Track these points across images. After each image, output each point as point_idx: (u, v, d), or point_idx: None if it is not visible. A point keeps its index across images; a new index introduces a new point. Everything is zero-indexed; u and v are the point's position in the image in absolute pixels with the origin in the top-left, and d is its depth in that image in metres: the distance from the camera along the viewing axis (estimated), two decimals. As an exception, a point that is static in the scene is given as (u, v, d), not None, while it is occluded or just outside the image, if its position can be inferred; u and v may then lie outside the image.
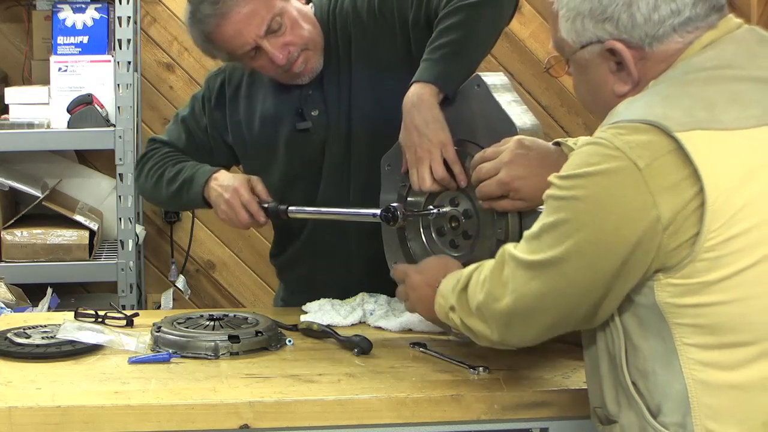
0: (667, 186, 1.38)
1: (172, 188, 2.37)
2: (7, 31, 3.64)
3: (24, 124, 3.27)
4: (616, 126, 1.43)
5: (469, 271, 1.68)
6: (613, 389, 1.54)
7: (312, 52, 2.25)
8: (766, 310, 1.40)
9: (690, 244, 1.38)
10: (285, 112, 2.33)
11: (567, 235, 1.44)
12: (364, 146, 2.29)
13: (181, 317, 2.10)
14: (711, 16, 1.50)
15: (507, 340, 1.60)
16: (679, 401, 1.44)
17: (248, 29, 2.17)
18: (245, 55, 2.22)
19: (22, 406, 1.69)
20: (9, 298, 2.81)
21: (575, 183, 1.44)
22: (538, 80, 3.84)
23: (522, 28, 3.81)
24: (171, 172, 2.38)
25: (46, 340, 2.00)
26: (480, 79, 1.97)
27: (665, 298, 1.42)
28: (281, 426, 1.73)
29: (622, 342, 1.50)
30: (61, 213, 3.32)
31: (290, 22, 2.20)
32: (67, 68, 3.34)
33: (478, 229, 1.97)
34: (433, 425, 1.75)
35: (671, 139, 1.39)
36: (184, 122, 2.46)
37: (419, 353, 1.99)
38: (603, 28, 1.50)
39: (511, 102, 1.95)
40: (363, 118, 2.29)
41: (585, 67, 1.56)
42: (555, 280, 1.47)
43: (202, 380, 1.82)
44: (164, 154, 2.43)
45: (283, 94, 2.34)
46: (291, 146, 2.33)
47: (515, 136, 1.86)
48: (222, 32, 2.18)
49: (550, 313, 1.51)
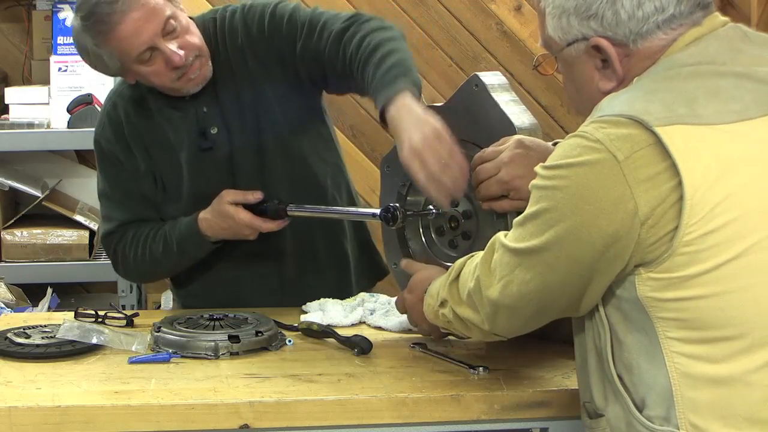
0: (644, 179, 1.40)
1: (171, 257, 2.32)
2: (7, 31, 3.64)
3: (24, 124, 3.28)
4: (598, 120, 1.45)
5: (460, 262, 1.70)
6: (600, 383, 1.55)
7: (204, 59, 2.25)
8: (746, 304, 1.41)
9: (669, 239, 1.40)
10: (183, 135, 2.31)
11: (548, 224, 1.46)
12: (279, 159, 2.31)
13: (181, 317, 2.10)
14: (695, 14, 1.51)
15: (497, 329, 1.61)
16: (663, 395, 1.45)
17: (146, 27, 2.15)
18: (139, 58, 2.18)
19: (22, 406, 1.69)
20: (9, 298, 2.82)
21: (557, 173, 1.46)
22: (538, 80, 3.84)
23: (522, 28, 3.81)
24: (158, 245, 2.32)
25: (46, 340, 2.00)
26: (478, 78, 1.97)
27: (647, 292, 1.44)
28: (281, 426, 1.73)
29: (608, 336, 1.52)
30: (61, 213, 3.33)
31: (183, 27, 2.21)
32: (67, 68, 3.34)
33: (478, 230, 1.97)
34: (433, 425, 1.75)
35: (650, 133, 1.40)
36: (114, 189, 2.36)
37: (419, 353, 1.99)
38: (588, 26, 1.52)
39: (510, 102, 1.95)
40: (273, 131, 2.31)
41: (571, 65, 1.58)
42: (537, 268, 1.49)
43: (202, 380, 1.82)
44: (133, 237, 2.34)
45: (177, 119, 2.31)
46: (196, 167, 2.31)
47: (515, 136, 1.86)
48: (119, 31, 2.15)
49: (533, 301, 1.53)
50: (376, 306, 2.24)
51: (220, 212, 2.25)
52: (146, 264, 2.34)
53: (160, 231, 2.33)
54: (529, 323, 1.60)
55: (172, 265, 2.37)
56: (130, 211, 2.36)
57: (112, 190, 2.37)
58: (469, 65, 3.73)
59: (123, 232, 2.36)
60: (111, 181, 2.37)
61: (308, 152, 2.38)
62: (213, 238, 2.28)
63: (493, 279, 1.56)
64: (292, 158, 2.34)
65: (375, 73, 2.06)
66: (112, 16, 2.14)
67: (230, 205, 2.24)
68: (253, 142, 2.31)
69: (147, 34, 2.16)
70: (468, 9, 3.77)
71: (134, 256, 2.34)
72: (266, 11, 2.30)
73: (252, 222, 2.23)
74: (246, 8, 2.33)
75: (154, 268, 2.37)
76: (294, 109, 2.33)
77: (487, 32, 3.79)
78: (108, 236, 2.38)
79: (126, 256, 2.36)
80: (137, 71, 2.23)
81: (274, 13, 2.30)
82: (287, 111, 2.32)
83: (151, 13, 2.16)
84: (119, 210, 2.36)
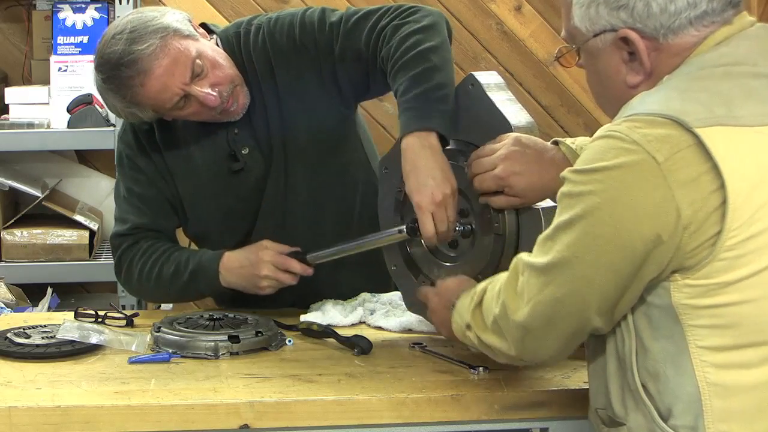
0: (685, 181, 1.36)
1: (178, 283, 2.23)
2: (7, 31, 3.64)
3: (24, 124, 3.27)
4: (630, 119, 1.41)
5: (482, 286, 1.65)
6: (620, 390, 1.52)
7: (239, 87, 2.19)
8: None
9: (710, 244, 1.37)
10: (214, 158, 2.26)
11: (584, 232, 1.41)
12: (300, 178, 2.26)
13: (181, 317, 2.10)
14: (727, 12, 1.49)
15: (525, 355, 1.56)
16: (690, 403, 1.42)
17: (173, 80, 2.09)
18: (174, 107, 2.13)
19: (22, 406, 1.69)
20: (9, 298, 2.81)
21: (591, 178, 1.41)
22: (538, 80, 3.83)
23: (522, 28, 3.81)
24: (169, 267, 2.24)
25: (46, 340, 2.00)
26: (474, 78, 1.97)
27: (682, 299, 1.40)
28: (281, 426, 1.73)
29: (633, 343, 1.47)
30: (61, 213, 3.32)
31: (210, 63, 2.14)
32: (67, 68, 3.34)
33: (476, 227, 1.96)
34: (433, 425, 1.75)
35: (690, 134, 1.37)
36: (131, 193, 2.31)
37: (419, 353, 1.99)
38: (617, 16, 1.49)
39: (506, 101, 1.95)
40: (299, 149, 2.25)
41: (597, 57, 1.54)
42: (571, 282, 1.44)
43: (202, 380, 1.82)
44: (146, 249, 2.27)
45: (206, 140, 2.26)
46: (226, 189, 2.27)
47: (512, 134, 1.86)
48: (147, 90, 2.10)
49: (568, 320, 1.47)
50: (376, 306, 2.24)
51: (248, 248, 2.19)
52: (150, 282, 2.26)
53: (175, 254, 2.26)
54: (563, 347, 1.53)
55: (176, 292, 2.28)
56: (145, 216, 2.29)
57: (129, 193, 2.31)
58: (469, 65, 3.72)
59: (135, 240, 2.29)
60: (128, 184, 2.31)
61: (337, 172, 2.30)
62: (226, 277, 2.20)
63: (521, 302, 1.50)
64: (321, 178, 2.27)
65: (409, 87, 1.99)
66: (135, 78, 2.09)
67: (273, 255, 2.16)
68: (282, 162, 2.25)
69: (176, 85, 2.10)
70: (468, 9, 3.76)
71: (140, 269, 2.26)
72: (295, 21, 2.22)
73: (275, 258, 2.15)
74: (272, 22, 2.25)
75: (157, 288, 2.28)
76: (326, 124, 2.25)
77: (487, 32, 3.79)
78: (118, 237, 2.30)
79: (132, 266, 2.28)
80: (175, 115, 2.19)
81: (304, 23, 2.21)
82: (318, 127, 2.24)
83: (174, 63, 2.09)
84: (134, 213, 2.30)
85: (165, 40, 2.10)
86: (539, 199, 1.85)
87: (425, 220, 1.90)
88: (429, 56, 2.02)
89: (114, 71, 2.10)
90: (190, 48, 2.12)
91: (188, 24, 2.17)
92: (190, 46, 2.12)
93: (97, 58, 2.15)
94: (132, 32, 2.10)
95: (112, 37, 2.11)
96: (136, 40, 2.09)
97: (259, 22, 2.27)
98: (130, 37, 2.09)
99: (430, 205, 1.89)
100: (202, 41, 2.18)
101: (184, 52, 2.11)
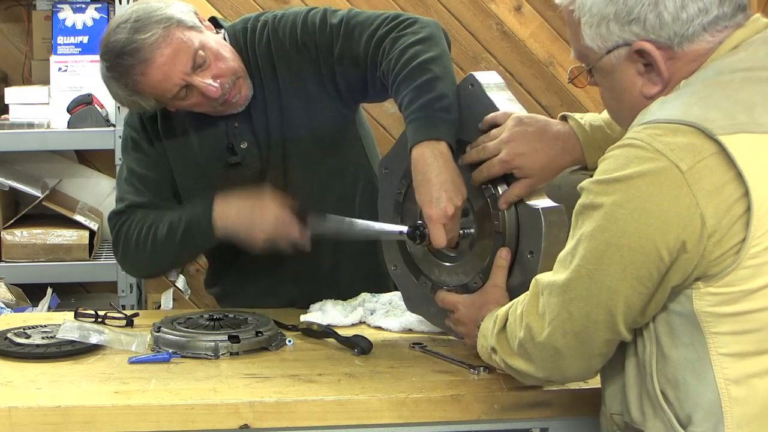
0: (710, 190, 1.35)
1: (175, 241, 2.20)
2: (7, 31, 3.64)
3: (24, 124, 3.27)
4: (651, 126, 1.40)
5: (504, 310, 1.64)
6: (638, 397, 1.50)
7: (242, 79, 2.20)
8: None
9: (735, 252, 1.36)
10: (212, 149, 2.27)
11: (607, 244, 1.40)
12: (300, 175, 2.27)
13: (181, 317, 2.10)
14: (738, 15, 1.48)
15: (554, 376, 1.56)
16: (710, 411, 1.41)
17: (174, 70, 2.11)
18: (175, 97, 2.15)
19: (22, 406, 1.69)
20: (9, 298, 2.81)
21: (612, 188, 1.40)
22: (538, 80, 3.84)
23: (522, 28, 3.81)
24: (162, 229, 2.21)
25: (46, 340, 2.00)
26: (474, 78, 1.97)
27: (704, 307, 1.40)
28: (281, 426, 1.73)
29: (654, 350, 1.46)
30: (61, 213, 3.32)
31: (213, 54, 2.15)
32: (67, 68, 3.34)
33: (476, 226, 1.95)
34: (433, 425, 1.75)
35: (713, 142, 1.36)
36: (132, 173, 2.30)
37: (419, 353, 1.99)
38: (629, 30, 1.47)
39: (506, 101, 1.95)
40: (298, 147, 2.26)
41: (611, 73, 1.53)
42: (597, 295, 1.43)
43: (202, 380, 1.82)
44: (138, 221, 2.25)
45: (206, 130, 2.27)
46: (222, 181, 2.25)
47: (513, 114, 1.86)
48: (148, 79, 2.11)
49: (598, 334, 1.46)
50: (376, 306, 2.24)
51: (250, 195, 2.16)
52: (146, 251, 2.22)
53: (169, 214, 2.24)
54: (593, 365, 1.52)
55: (171, 255, 2.26)
56: (143, 196, 2.28)
57: (130, 174, 2.31)
58: (469, 65, 3.73)
59: (131, 213, 2.27)
60: (130, 165, 2.32)
61: (337, 170, 2.31)
62: (221, 228, 2.17)
63: (544, 323, 1.49)
64: (320, 177, 2.28)
65: (413, 98, 1.98)
66: (137, 67, 2.11)
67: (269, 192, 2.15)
68: (280, 159, 2.26)
69: (177, 75, 2.12)
70: (468, 9, 3.76)
71: (137, 239, 2.23)
72: (298, 20, 2.23)
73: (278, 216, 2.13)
74: (277, 19, 2.26)
75: (153, 256, 2.24)
76: (326, 123, 2.26)
77: (487, 32, 3.79)
78: (115, 215, 2.29)
79: (128, 238, 2.25)
80: (177, 105, 2.20)
81: (306, 22, 2.23)
82: (318, 126, 2.25)
83: (176, 53, 2.11)
84: (133, 193, 2.29)
85: (168, 30, 2.11)
86: (552, 176, 1.84)
87: (437, 233, 1.88)
88: (430, 67, 2.02)
89: (117, 59, 2.12)
90: (192, 39, 2.13)
91: (193, 16, 2.19)
92: (193, 37, 2.14)
93: (102, 46, 2.17)
94: (136, 21, 2.12)
95: (117, 26, 2.14)
96: (140, 30, 2.11)
97: (266, 19, 2.28)
98: (134, 26, 2.11)
99: (442, 218, 1.88)
100: (207, 33, 2.19)
101: (186, 43, 2.12)
